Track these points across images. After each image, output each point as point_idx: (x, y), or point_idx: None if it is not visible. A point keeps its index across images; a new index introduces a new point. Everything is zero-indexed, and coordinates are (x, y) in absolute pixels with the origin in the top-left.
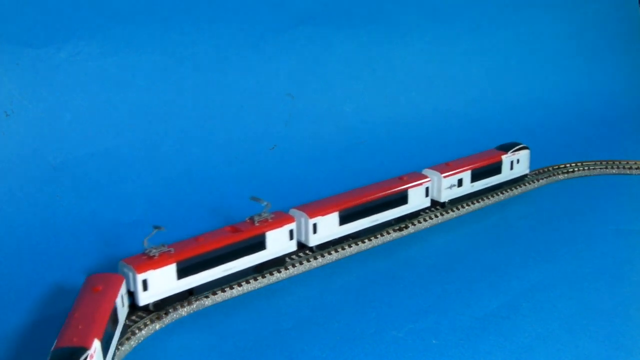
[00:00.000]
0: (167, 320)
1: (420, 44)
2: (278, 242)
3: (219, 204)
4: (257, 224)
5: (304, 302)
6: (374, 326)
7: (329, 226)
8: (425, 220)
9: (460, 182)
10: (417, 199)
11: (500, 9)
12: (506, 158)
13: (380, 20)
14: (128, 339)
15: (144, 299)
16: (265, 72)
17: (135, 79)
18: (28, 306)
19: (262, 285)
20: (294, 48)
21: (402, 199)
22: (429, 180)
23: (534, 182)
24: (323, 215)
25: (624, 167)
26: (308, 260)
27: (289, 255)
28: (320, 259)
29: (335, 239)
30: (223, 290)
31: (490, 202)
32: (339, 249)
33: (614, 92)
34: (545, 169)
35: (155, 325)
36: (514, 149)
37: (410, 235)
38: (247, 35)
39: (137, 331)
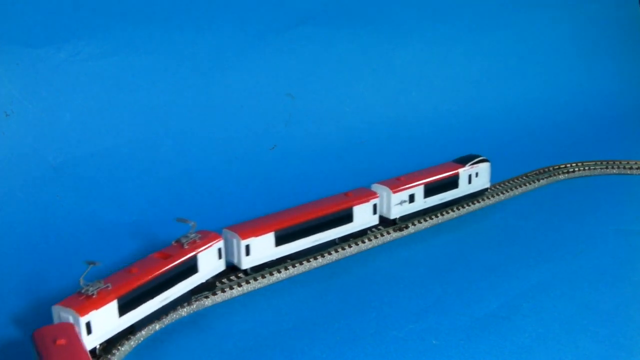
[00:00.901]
0: (167, 320)
1: (420, 44)
2: (209, 263)
3: (218, 204)
4: (186, 247)
5: (304, 302)
6: (374, 326)
7: (263, 248)
8: (425, 220)
9: (412, 198)
10: (363, 217)
11: (500, 9)
12: (463, 171)
13: (380, 20)
14: (128, 339)
15: (90, 342)
16: (265, 72)
17: (135, 79)
18: (28, 306)
19: (262, 285)
20: (294, 48)
21: (346, 217)
22: (376, 197)
23: (534, 182)
24: (257, 235)
25: (624, 167)
26: (308, 260)
27: (219, 276)
28: (320, 259)
29: (273, 261)
30: (223, 291)
31: (490, 202)
32: (339, 249)
33: (614, 92)
34: (545, 169)
35: (155, 326)
36: (472, 162)
37: (410, 235)
38: (247, 35)
39: (137, 331)
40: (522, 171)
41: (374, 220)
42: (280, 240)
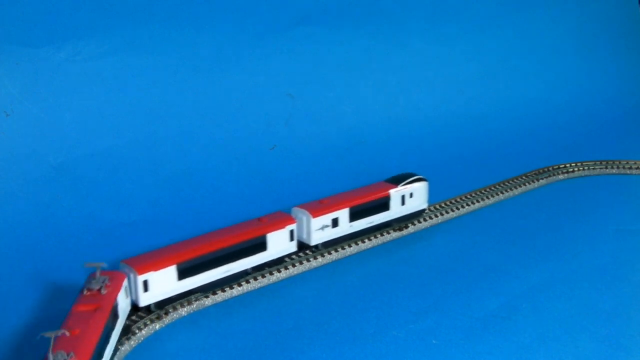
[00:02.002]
0: (167, 320)
1: (420, 44)
2: (123, 302)
3: (219, 204)
4: (103, 292)
5: (304, 302)
6: (374, 326)
7: (164, 282)
8: (425, 220)
9: (335, 222)
10: (279, 244)
11: (500, 9)
12: (395, 192)
13: (380, 20)
14: (128, 338)
15: None
16: (265, 72)
17: (135, 79)
18: (28, 306)
19: (262, 285)
20: (294, 48)
21: (260, 245)
22: (292, 222)
23: (534, 182)
24: (156, 269)
25: (624, 167)
26: (308, 260)
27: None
28: (320, 259)
29: (176, 295)
30: (223, 290)
31: (489, 202)
32: (339, 249)
33: (614, 92)
34: (545, 169)
35: (155, 325)
36: (406, 182)
37: (410, 235)
38: (247, 35)
39: (137, 331)
40: (522, 171)
41: (292, 247)
42: (183, 274)
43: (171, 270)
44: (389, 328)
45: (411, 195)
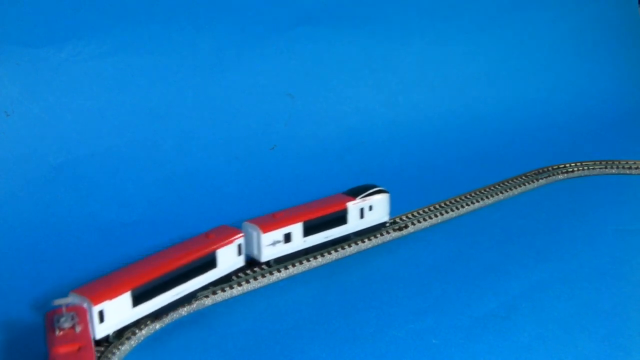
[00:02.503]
0: (167, 320)
1: (420, 44)
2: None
3: (218, 204)
4: (78, 331)
5: (304, 302)
6: (374, 326)
7: (120, 311)
8: (425, 220)
9: (288, 237)
10: (228, 260)
11: (500, 9)
12: (353, 205)
13: (380, 20)
14: (128, 338)
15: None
16: (265, 72)
17: (135, 79)
18: (28, 306)
19: (262, 285)
20: (294, 48)
21: (210, 262)
22: (240, 236)
23: (533, 182)
24: (110, 298)
25: (624, 167)
26: (308, 260)
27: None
28: (320, 259)
29: (133, 322)
30: (223, 290)
31: (489, 201)
32: (339, 249)
33: (614, 92)
34: (545, 169)
35: (155, 325)
36: (365, 194)
37: (410, 235)
38: (247, 36)
39: (137, 331)
40: (522, 171)
41: (240, 262)
42: (138, 300)
43: (126, 298)
44: (389, 328)
45: (371, 208)
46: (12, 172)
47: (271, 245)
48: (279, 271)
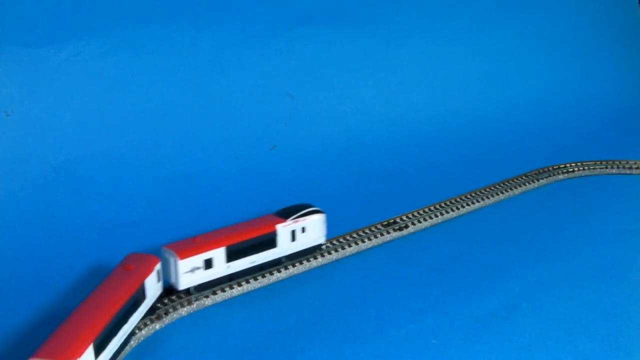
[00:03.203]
0: (167, 320)
1: (420, 44)
2: None
3: (219, 204)
4: None
5: (304, 302)
6: (374, 326)
7: None
8: (425, 220)
9: (208, 263)
10: (152, 289)
11: (500, 9)
12: (283, 227)
13: (380, 20)
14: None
15: None
16: (265, 72)
17: (135, 79)
18: (28, 306)
19: (262, 285)
20: (294, 48)
21: (141, 295)
22: (158, 262)
23: (534, 182)
24: (79, 355)
25: (624, 167)
26: (308, 260)
27: None
28: (320, 259)
29: None
30: (223, 290)
31: (489, 201)
32: (339, 249)
33: (614, 92)
34: (545, 169)
35: (155, 325)
36: (296, 216)
37: (410, 235)
38: (247, 36)
39: (137, 331)
40: (522, 171)
41: (159, 289)
42: (98, 351)
43: (90, 352)
44: (389, 328)
45: (304, 230)
46: (12, 172)
47: (189, 272)
48: (279, 271)
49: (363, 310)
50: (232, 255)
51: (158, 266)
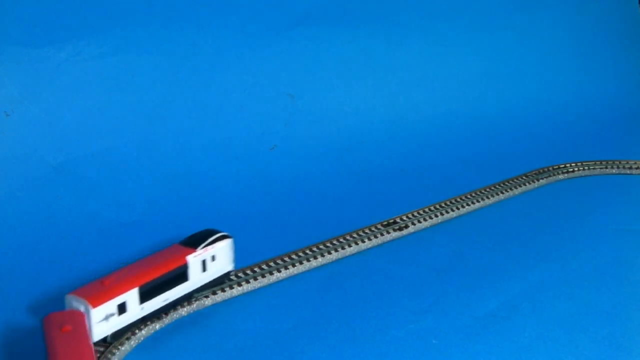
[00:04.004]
0: (167, 320)
1: (420, 44)
2: None
3: (219, 204)
4: None
5: (304, 302)
6: (374, 326)
7: None
8: (425, 220)
9: (122, 308)
10: None
11: (500, 9)
12: (194, 258)
13: (380, 20)
14: (128, 338)
15: None
16: (265, 72)
17: (135, 79)
18: (28, 307)
19: (262, 285)
20: (294, 48)
21: None
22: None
23: (534, 182)
24: None
25: (624, 167)
26: (308, 260)
27: None
28: (320, 259)
29: None
30: (223, 290)
31: (489, 202)
32: (339, 249)
33: (614, 92)
34: (545, 169)
35: (155, 325)
36: (205, 244)
37: (410, 235)
38: (247, 36)
39: (137, 331)
40: (522, 171)
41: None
42: None
43: None
44: (389, 328)
45: (213, 258)
46: (12, 172)
47: (104, 320)
48: (279, 271)
49: (363, 310)
50: (145, 296)
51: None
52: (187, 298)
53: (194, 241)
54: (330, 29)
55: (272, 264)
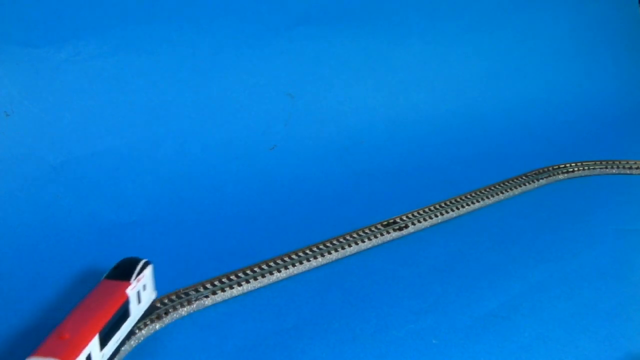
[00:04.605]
0: (167, 320)
1: (420, 44)
2: None
3: (219, 204)
4: None
5: (304, 302)
6: (374, 326)
7: None
8: (425, 220)
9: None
10: None
11: (500, 9)
12: (132, 291)
13: (380, 20)
14: (128, 338)
15: None
16: (265, 72)
17: (135, 79)
18: (28, 307)
19: (262, 285)
20: (294, 48)
21: None
22: None
23: (534, 182)
24: None
25: (624, 167)
26: (308, 260)
27: None
28: (320, 259)
29: None
30: (223, 290)
31: (489, 202)
32: (339, 249)
33: (614, 92)
34: (545, 169)
35: (155, 325)
36: (137, 274)
37: (410, 235)
38: (246, 35)
39: (137, 331)
40: (522, 171)
41: None
42: None
43: None
44: (389, 328)
45: (145, 287)
46: (12, 172)
47: None
48: (279, 271)
49: (363, 310)
50: (103, 341)
51: None
52: (131, 335)
53: (122, 273)
54: (330, 29)
55: (272, 264)
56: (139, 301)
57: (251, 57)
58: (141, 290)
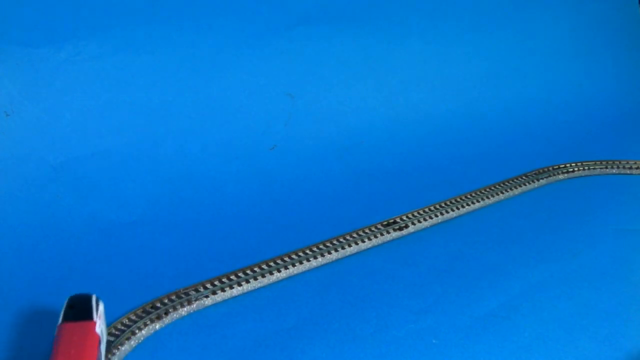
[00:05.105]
0: (167, 320)
1: (420, 44)
2: None
3: (219, 204)
4: None
5: (304, 302)
6: (374, 326)
7: None
8: (425, 220)
9: None
10: None
11: (500, 9)
12: (99, 329)
13: (380, 20)
14: (128, 338)
15: None
16: (264, 72)
17: (135, 79)
18: (28, 307)
19: (262, 285)
20: (294, 48)
21: None
22: None
23: (534, 182)
24: None
25: (624, 167)
26: (308, 260)
27: None
28: (320, 259)
29: None
30: (223, 290)
31: (489, 202)
32: (339, 249)
33: (614, 92)
34: (545, 169)
35: (155, 325)
36: (96, 310)
37: (410, 235)
38: (246, 35)
39: (137, 331)
40: (522, 171)
41: None
42: None
43: None
44: (389, 328)
45: (104, 323)
46: (12, 172)
47: None
48: (279, 271)
49: (363, 310)
50: None
51: None
52: None
53: (79, 313)
54: (330, 29)
55: (272, 264)
56: (102, 339)
57: (251, 57)
58: (103, 328)
